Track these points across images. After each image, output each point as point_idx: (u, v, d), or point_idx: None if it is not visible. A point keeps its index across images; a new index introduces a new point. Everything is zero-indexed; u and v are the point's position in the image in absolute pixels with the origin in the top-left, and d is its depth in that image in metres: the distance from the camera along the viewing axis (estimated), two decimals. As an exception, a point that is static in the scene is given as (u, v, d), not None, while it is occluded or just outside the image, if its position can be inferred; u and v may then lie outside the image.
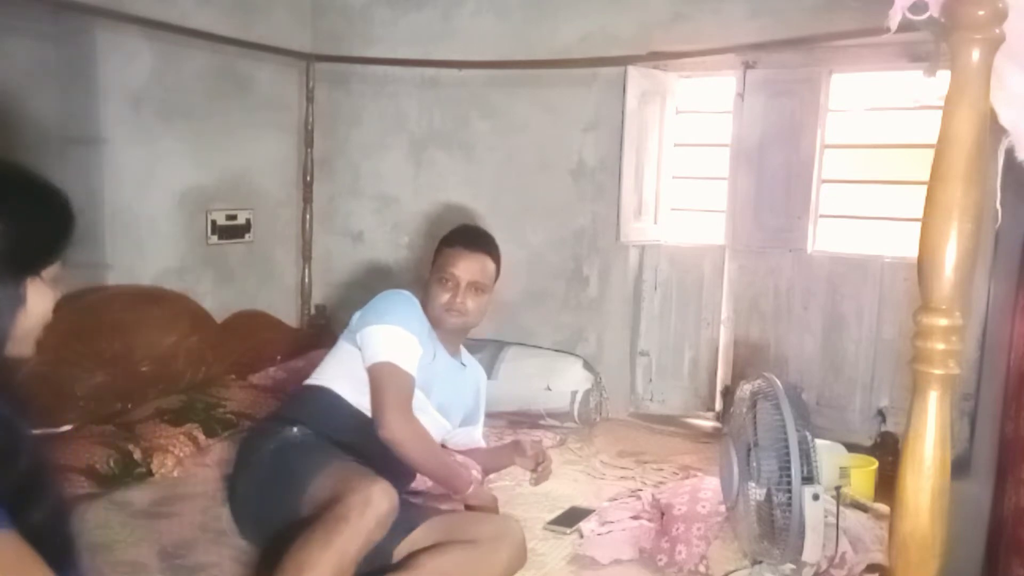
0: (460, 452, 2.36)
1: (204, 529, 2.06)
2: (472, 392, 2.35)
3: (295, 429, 1.95)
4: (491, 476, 2.52)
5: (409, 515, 1.84)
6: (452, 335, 2.22)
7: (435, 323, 2.15)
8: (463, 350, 2.34)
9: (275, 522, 1.79)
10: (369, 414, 1.99)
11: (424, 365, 2.05)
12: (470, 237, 2.21)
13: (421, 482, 2.36)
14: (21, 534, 0.90)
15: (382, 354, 1.98)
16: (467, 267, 2.13)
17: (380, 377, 1.96)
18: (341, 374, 2.08)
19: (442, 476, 2.05)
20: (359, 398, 2.03)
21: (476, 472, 2.16)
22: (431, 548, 1.76)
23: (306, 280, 3.73)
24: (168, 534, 2.04)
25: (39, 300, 1.05)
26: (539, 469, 2.31)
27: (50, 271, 1.08)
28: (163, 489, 2.32)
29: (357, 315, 2.13)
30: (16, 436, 0.97)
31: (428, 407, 2.11)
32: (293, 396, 2.22)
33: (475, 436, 2.42)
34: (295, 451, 1.89)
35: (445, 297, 2.12)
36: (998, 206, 1.02)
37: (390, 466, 1.87)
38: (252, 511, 1.93)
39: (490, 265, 2.19)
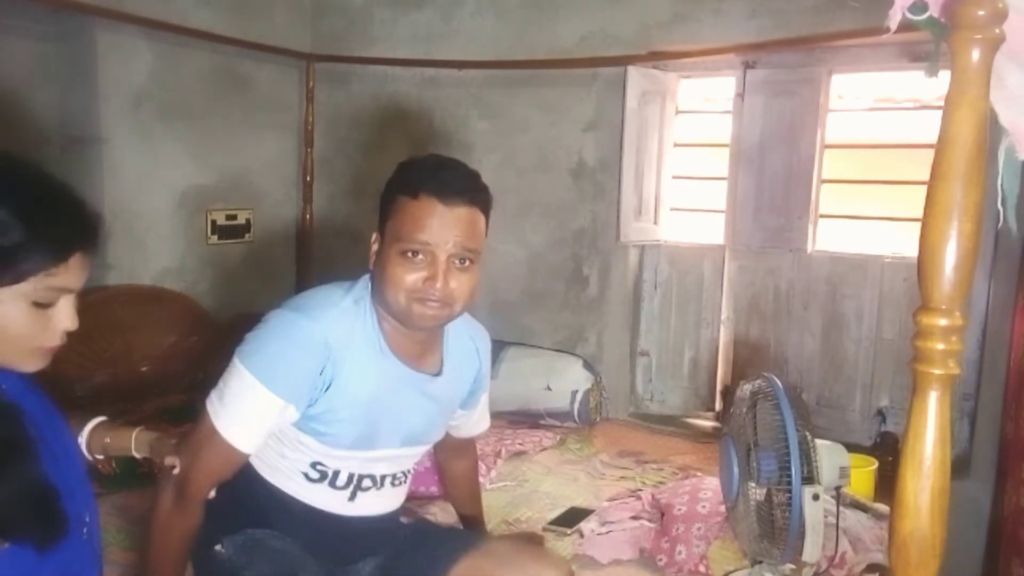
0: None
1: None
2: (461, 389, 1.61)
3: (219, 547, 1.46)
4: (492, 475, 2.53)
5: (451, 546, 1.57)
6: (421, 335, 1.44)
7: (399, 318, 1.38)
8: (447, 337, 1.53)
9: None
10: (305, 500, 1.47)
11: (357, 416, 1.41)
12: (446, 182, 1.38)
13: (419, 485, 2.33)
14: None
15: (219, 415, 1.36)
16: (446, 231, 1.34)
17: (197, 437, 1.37)
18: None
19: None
20: (282, 479, 1.47)
21: None
22: None
23: (306, 280, 3.74)
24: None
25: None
26: None
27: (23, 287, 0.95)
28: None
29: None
30: None
31: (381, 452, 1.48)
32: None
33: (475, 422, 1.73)
34: None
35: (414, 280, 1.34)
36: (1000, 206, 1.01)
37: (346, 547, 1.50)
38: None
39: (480, 220, 1.40)
